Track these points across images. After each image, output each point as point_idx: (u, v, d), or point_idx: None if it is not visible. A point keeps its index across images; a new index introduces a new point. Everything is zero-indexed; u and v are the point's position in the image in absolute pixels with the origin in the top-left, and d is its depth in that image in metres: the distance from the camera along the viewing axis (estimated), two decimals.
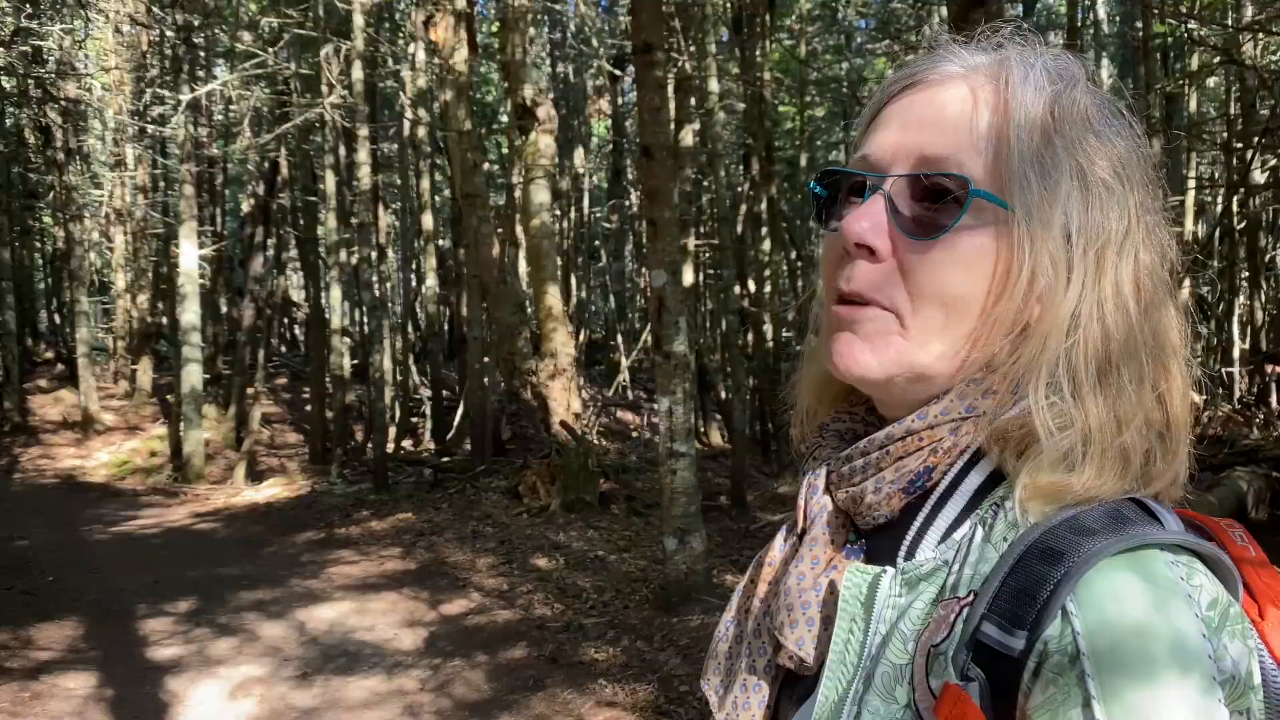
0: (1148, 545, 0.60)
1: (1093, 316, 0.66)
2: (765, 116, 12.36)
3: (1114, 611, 0.57)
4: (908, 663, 0.64)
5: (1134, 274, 0.68)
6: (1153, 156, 0.73)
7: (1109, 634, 0.57)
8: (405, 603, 6.79)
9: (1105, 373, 0.66)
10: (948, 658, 0.62)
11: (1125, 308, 0.67)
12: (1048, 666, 0.58)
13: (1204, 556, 0.63)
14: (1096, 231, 0.68)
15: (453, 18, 11.65)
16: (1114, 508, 0.64)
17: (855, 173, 0.74)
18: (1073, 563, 0.59)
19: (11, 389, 15.67)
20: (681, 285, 6.45)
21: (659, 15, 6.28)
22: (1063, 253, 0.67)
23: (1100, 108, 0.72)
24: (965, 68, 0.72)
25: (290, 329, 26.96)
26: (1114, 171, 0.69)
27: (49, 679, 5.26)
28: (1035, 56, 0.72)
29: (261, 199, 16.20)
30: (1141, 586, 0.58)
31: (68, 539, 9.12)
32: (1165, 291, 0.70)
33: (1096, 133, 0.70)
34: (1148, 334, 0.68)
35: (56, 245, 19.88)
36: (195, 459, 13.06)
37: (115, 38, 16.19)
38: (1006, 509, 0.66)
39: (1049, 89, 0.70)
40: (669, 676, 5.08)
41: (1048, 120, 0.69)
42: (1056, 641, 0.58)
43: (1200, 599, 0.59)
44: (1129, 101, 0.76)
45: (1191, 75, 11.79)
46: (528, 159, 12.01)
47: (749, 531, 8.79)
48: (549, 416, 11.37)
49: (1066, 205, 0.68)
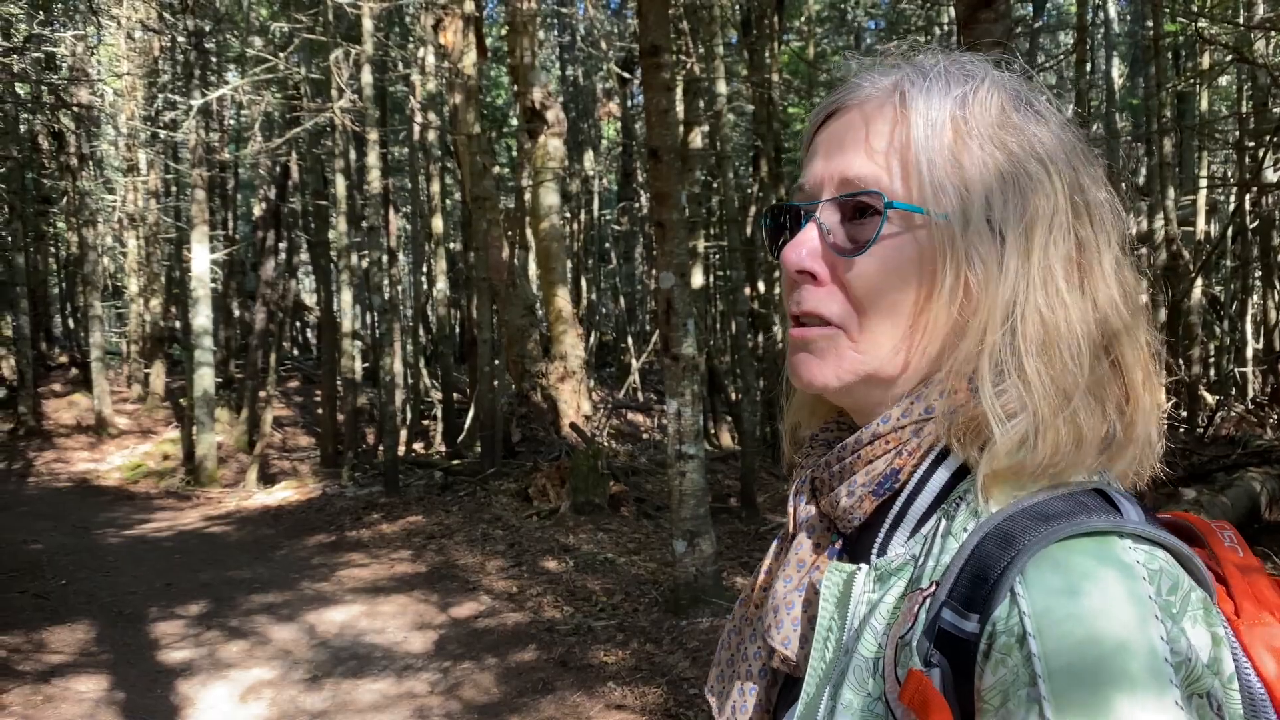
0: (1105, 532, 0.62)
1: (1027, 301, 0.69)
2: (774, 118, 12.34)
3: (1061, 592, 0.59)
4: (878, 656, 0.66)
5: (1067, 254, 0.70)
6: (1082, 136, 0.75)
7: (1055, 614, 0.58)
8: (415, 605, 6.80)
9: (1047, 353, 0.68)
10: (912, 647, 0.64)
11: (1058, 288, 0.69)
12: (996, 648, 0.60)
13: (1168, 549, 0.64)
14: (1018, 218, 0.70)
15: (462, 21, 11.68)
16: (1075, 496, 0.65)
17: (793, 205, 0.80)
18: (1023, 545, 0.61)
19: (26, 393, 15.77)
20: (690, 287, 6.44)
21: (666, 17, 6.28)
22: (989, 245, 0.70)
23: (1015, 98, 0.74)
24: (876, 89, 0.76)
25: (302, 332, 27.05)
26: (1035, 157, 0.71)
27: (61, 682, 5.29)
28: (933, 65, 0.76)
29: (273, 203, 16.27)
30: (1092, 568, 0.60)
31: (81, 542, 9.18)
32: (1114, 265, 0.72)
33: (1012, 124, 0.72)
34: (1089, 310, 0.70)
35: (70, 250, 20.02)
36: (208, 462, 13.12)
37: (127, 44, 16.29)
38: (968, 500, 0.68)
39: (953, 91, 0.73)
40: (678, 679, 5.08)
41: (956, 121, 0.72)
42: (1004, 622, 0.60)
43: (1160, 583, 0.60)
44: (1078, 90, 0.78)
45: (1203, 74, 11.75)
46: (537, 162, 12.03)
47: (759, 534, 8.78)
48: (559, 419, 11.39)
49: (987, 198, 0.70)
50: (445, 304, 16.40)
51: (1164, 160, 11.29)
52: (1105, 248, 0.72)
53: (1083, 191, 0.72)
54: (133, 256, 18.04)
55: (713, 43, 11.61)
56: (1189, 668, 0.57)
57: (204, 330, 13.20)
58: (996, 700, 0.59)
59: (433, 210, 16.15)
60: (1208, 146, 12.61)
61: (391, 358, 12.92)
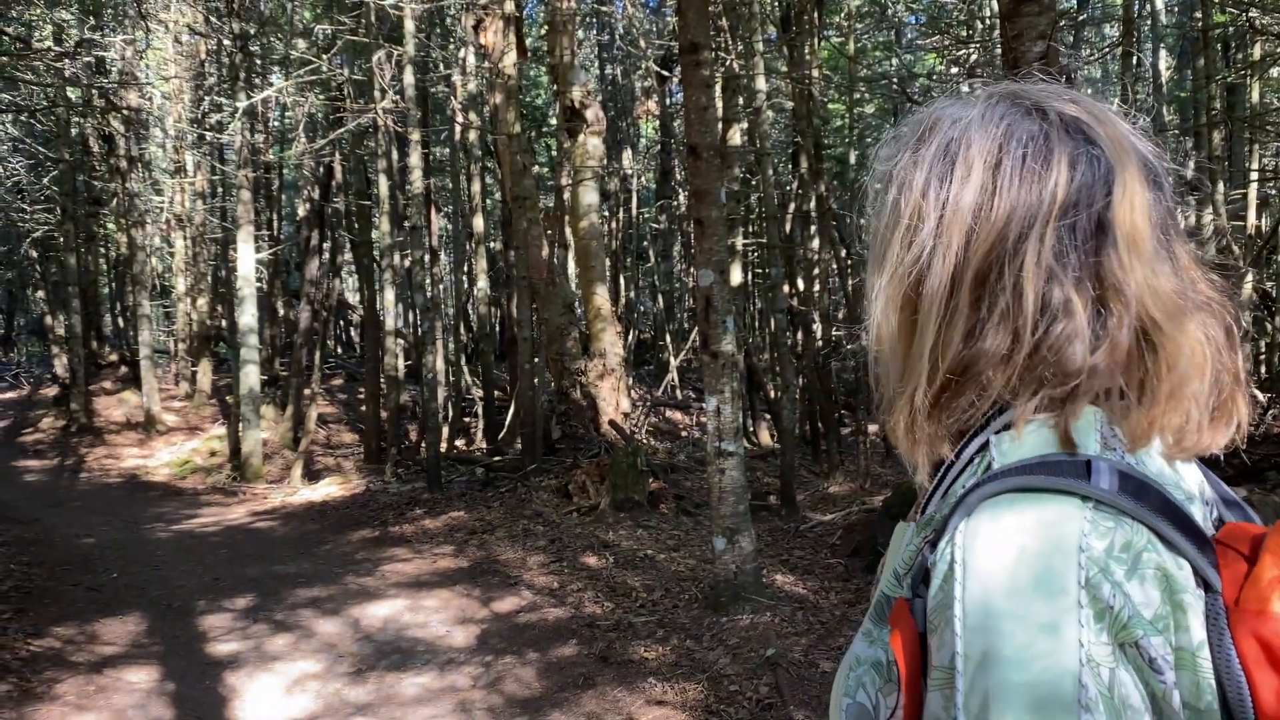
0: (1066, 491, 0.68)
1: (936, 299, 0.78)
2: (814, 114, 12.27)
3: (991, 533, 0.67)
4: (893, 594, 0.78)
5: (967, 231, 0.77)
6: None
7: (979, 549, 0.66)
8: (458, 600, 6.86)
9: (968, 312, 0.76)
10: (906, 583, 0.76)
11: (957, 269, 0.77)
12: (934, 575, 0.70)
13: (1137, 519, 0.68)
14: (879, 239, 0.84)
15: (502, 21, 11.74)
16: (1059, 462, 0.71)
17: None
18: (979, 494, 0.70)
19: (78, 391, 16.13)
20: (729, 284, 6.44)
21: (705, 15, 6.28)
22: (883, 270, 0.83)
23: (906, 131, 0.86)
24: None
25: (346, 331, 27.37)
26: (889, 178, 0.84)
27: (113, 673, 5.40)
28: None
29: (317, 203, 16.47)
30: (1032, 516, 0.67)
31: (131, 537, 9.36)
32: (1071, 235, 0.75)
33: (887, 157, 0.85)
34: (1004, 272, 0.75)
35: (120, 251, 20.38)
36: (253, 459, 13.32)
37: (174, 47, 16.59)
38: (974, 464, 0.77)
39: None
40: (718, 676, 5.08)
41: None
42: (942, 553, 0.69)
43: (1114, 539, 0.65)
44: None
45: (1253, 65, 11.50)
46: (576, 160, 12.07)
47: (798, 531, 8.75)
48: (598, 416, 11.42)
49: (875, 243, 0.85)
50: (486, 302, 16.47)
51: (1213, 153, 11.07)
52: (1009, 218, 0.77)
53: (940, 178, 0.81)
54: (180, 256, 18.36)
55: (752, 39, 11.56)
56: (1112, 615, 0.63)
57: (249, 329, 13.39)
58: (936, 621, 0.68)
59: (474, 209, 16.25)
60: (1259, 139, 12.34)
61: (434, 355, 13.03)
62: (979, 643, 0.64)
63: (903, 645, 0.70)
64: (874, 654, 0.77)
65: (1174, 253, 0.77)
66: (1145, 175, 0.76)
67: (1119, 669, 0.62)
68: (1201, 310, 0.76)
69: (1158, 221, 0.76)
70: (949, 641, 0.66)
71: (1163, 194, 0.78)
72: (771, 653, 5.20)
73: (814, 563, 7.60)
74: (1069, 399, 0.73)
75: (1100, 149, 0.76)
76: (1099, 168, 0.75)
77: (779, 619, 5.82)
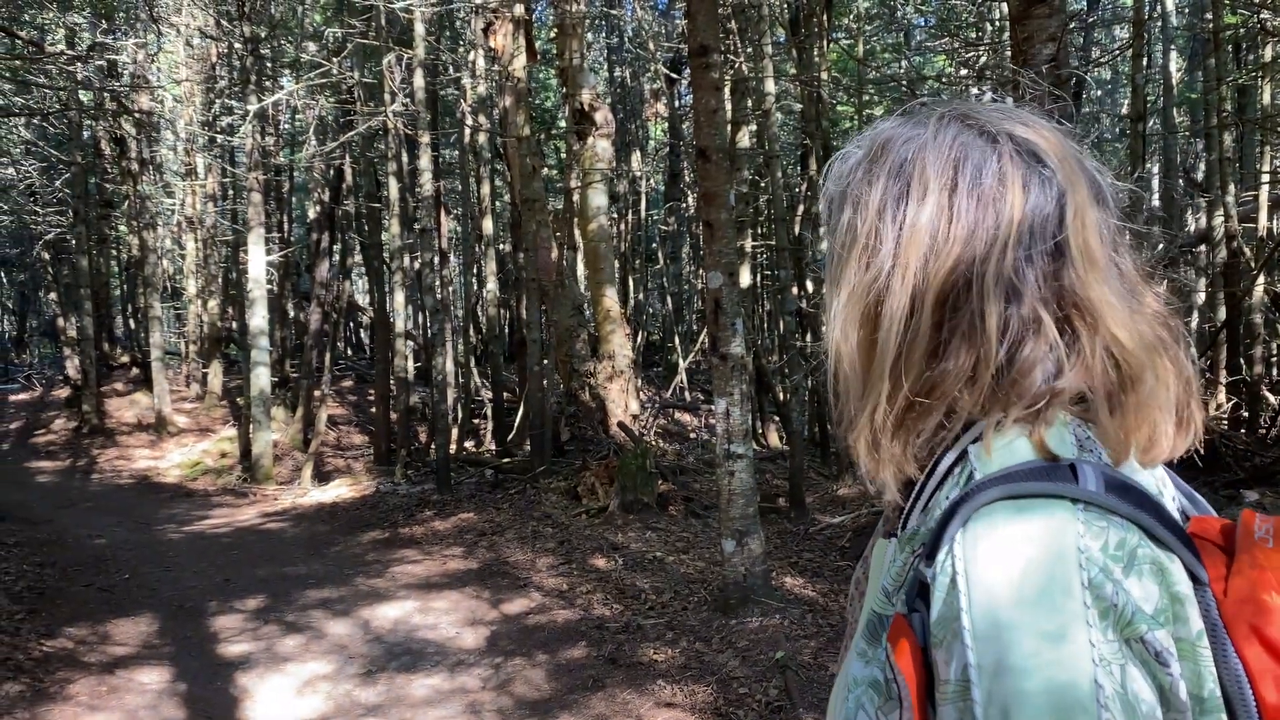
0: (1053, 495, 0.69)
1: (896, 316, 0.79)
2: (823, 116, 12.26)
3: (990, 540, 0.68)
4: (883, 610, 0.79)
5: (924, 251, 0.78)
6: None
7: (981, 557, 0.67)
8: (467, 602, 6.88)
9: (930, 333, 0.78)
10: (901, 598, 0.76)
11: (921, 280, 0.78)
12: (936, 586, 0.70)
13: (1126, 517, 0.69)
14: (836, 258, 0.85)
15: (511, 25, 11.77)
16: (1044, 467, 0.72)
17: None
18: (971, 503, 0.70)
19: (90, 392, 16.21)
20: (738, 287, 6.44)
21: (715, 17, 6.29)
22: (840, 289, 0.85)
23: (857, 150, 0.86)
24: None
25: (355, 333, 27.43)
26: (843, 198, 0.84)
27: (125, 673, 5.44)
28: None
29: (327, 206, 16.52)
30: (1029, 523, 0.68)
31: (142, 537, 9.40)
32: (1026, 248, 0.76)
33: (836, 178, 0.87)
34: (973, 292, 0.76)
35: (131, 253, 20.50)
36: (264, 460, 13.37)
37: (186, 51, 16.67)
38: (955, 474, 0.77)
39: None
40: (728, 678, 5.08)
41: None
42: (942, 566, 0.70)
43: (1108, 538, 0.67)
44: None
45: (1265, 67, 11.45)
46: (585, 163, 12.09)
47: (808, 534, 8.74)
48: (607, 418, 11.43)
49: (832, 262, 0.86)
50: (495, 304, 16.52)
51: (1224, 156, 11.03)
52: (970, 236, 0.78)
53: (896, 201, 0.82)
54: (191, 259, 18.44)
55: (761, 42, 11.57)
56: (1116, 612, 0.64)
57: (260, 331, 13.44)
58: (940, 634, 0.69)
59: (483, 212, 16.29)
60: (1270, 141, 12.28)
61: (443, 357, 13.05)
62: (991, 653, 0.64)
63: (908, 661, 0.71)
64: (871, 674, 0.77)
65: (1122, 269, 0.79)
66: (1094, 194, 0.79)
67: (1128, 665, 0.64)
68: (1155, 323, 0.78)
69: (1108, 239, 0.78)
70: (959, 654, 0.66)
71: (1109, 211, 0.80)
72: (781, 655, 5.20)
73: (823, 565, 7.60)
74: (1042, 409, 0.75)
75: (1051, 170, 0.78)
76: (1051, 189, 0.77)
77: (788, 621, 5.82)
